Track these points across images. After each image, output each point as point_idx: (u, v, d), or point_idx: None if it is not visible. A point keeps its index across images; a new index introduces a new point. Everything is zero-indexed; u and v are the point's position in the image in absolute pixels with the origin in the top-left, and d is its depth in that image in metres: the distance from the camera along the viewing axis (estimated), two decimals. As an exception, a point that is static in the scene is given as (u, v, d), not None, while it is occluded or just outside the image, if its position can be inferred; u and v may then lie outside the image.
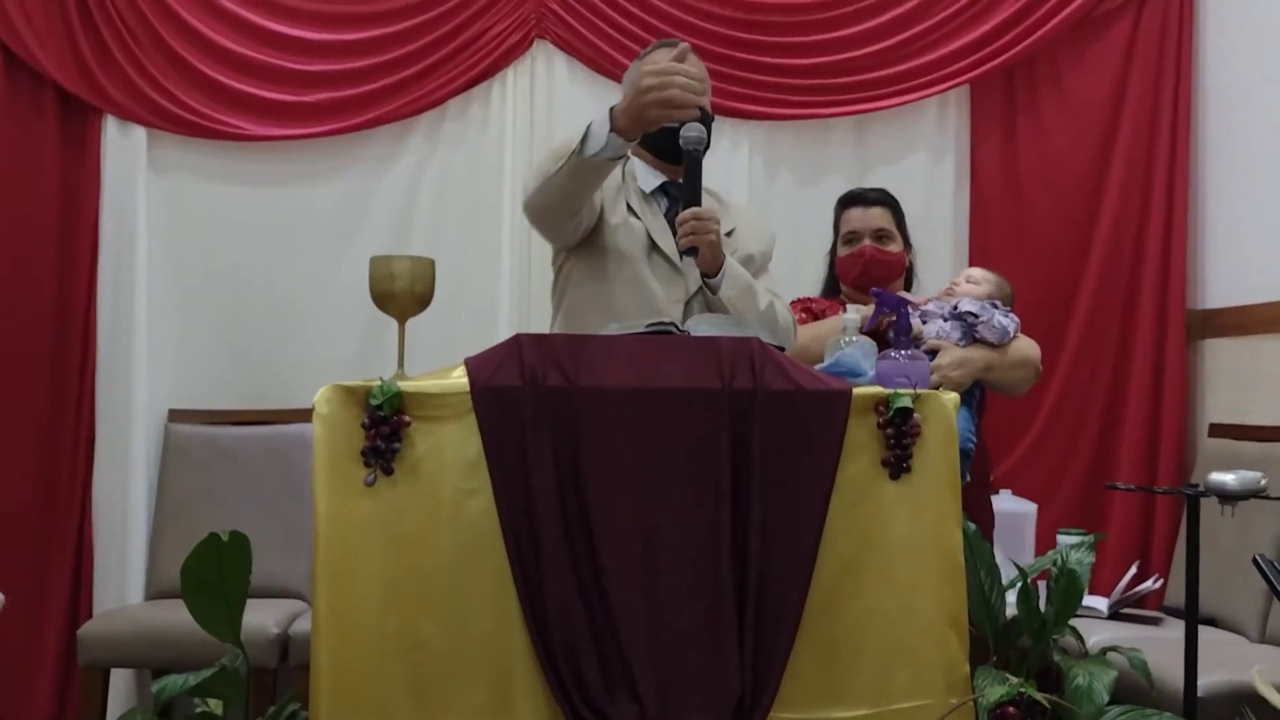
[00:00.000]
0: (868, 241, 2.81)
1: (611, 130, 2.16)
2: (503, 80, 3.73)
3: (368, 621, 1.74)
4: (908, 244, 2.90)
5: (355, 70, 3.67)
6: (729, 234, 2.48)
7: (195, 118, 3.59)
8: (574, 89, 3.73)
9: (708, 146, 2.33)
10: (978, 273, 2.79)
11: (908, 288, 2.89)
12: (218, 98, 3.61)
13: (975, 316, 2.60)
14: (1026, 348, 2.69)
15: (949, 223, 3.78)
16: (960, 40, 3.74)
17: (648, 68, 2.19)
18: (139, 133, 3.59)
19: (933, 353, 2.59)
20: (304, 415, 3.39)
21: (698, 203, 2.26)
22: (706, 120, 2.34)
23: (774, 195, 3.80)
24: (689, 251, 2.27)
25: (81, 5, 3.51)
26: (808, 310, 2.83)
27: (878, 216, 2.84)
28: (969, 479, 2.55)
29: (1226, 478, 2.08)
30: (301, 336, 3.67)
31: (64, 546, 3.48)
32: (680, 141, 2.26)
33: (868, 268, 2.80)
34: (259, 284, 3.67)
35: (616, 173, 2.49)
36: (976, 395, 2.64)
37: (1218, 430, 3.57)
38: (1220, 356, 3.70)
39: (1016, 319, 2.68)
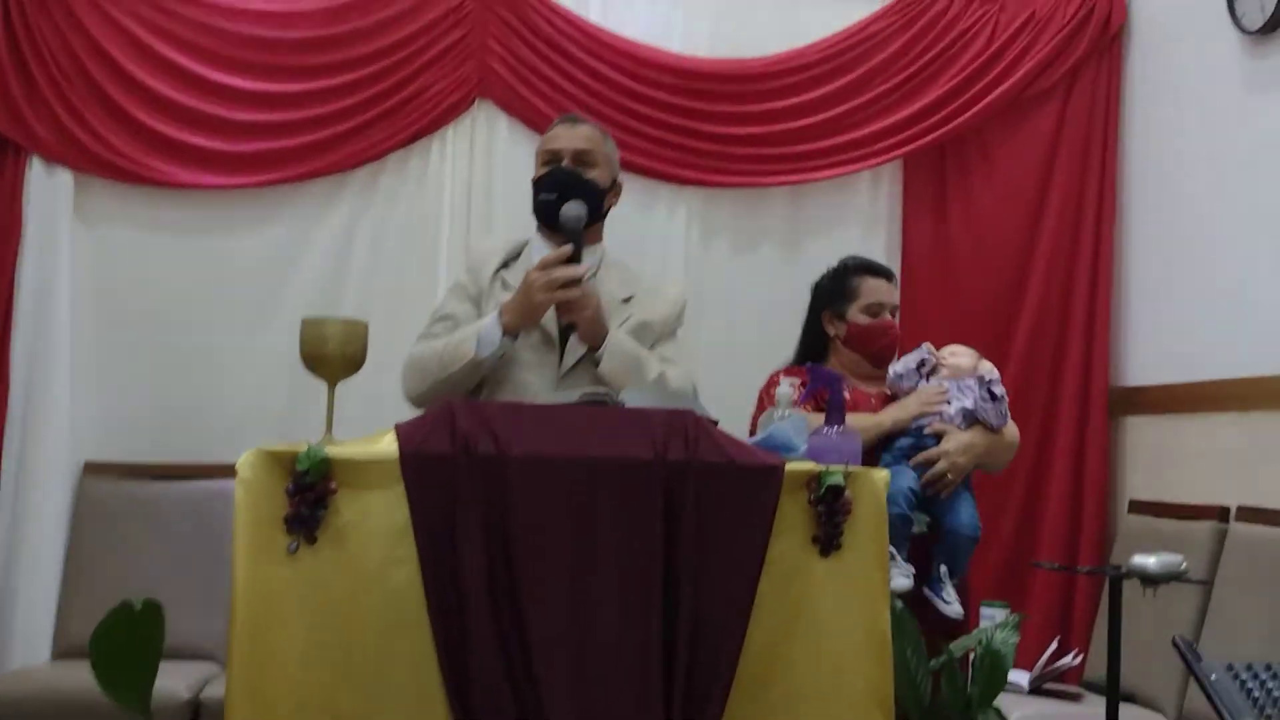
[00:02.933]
0: (887, 315, 2.82)
1: (504, 335, 2.33)
2: (443, 137, 3.73)
3: (284, 693, 1.69)
4: None
5: (292, 121, 3.63)
6: (626, 300, 2.52)
7: (125, 163, 3.53)
8: (514, 149, 3.72)
9: (603, 215, 2.52)
10: (960, 348, 2.76)
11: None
12: (149, 143, 3.55)
13: (994, 399, 2.59)
14: (1011, 430, 2.71)
15: (881, 294, 3.82)
16: (894, 116, 3.82)
17: (533, 274, 2.31)
18: (66, 176, 3.52)
19: (937, 436, 2.59)
20: (226, 471, 3.31)
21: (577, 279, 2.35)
22: (600, 194, 2.47)
23: (710, 261, 3.83)
24: (569, 326, 2.34)
25: (11, 40, 3.44)
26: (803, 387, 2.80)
27: (896, 294, 2.88)
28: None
29: (1148, 560, 2.10)
30: (228, 390, 3.60)
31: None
32: (560, 220, 2.36)
33: (894, 343, 2.83)
34: (185, 335, 3.59)
35: (495, 256, 2.57)
36: (970, 477, 2.64)
37: (1137, 507, 3.63)
38: (1141, 434, 3.77)
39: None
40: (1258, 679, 2.04)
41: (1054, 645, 3.34)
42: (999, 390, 2.60)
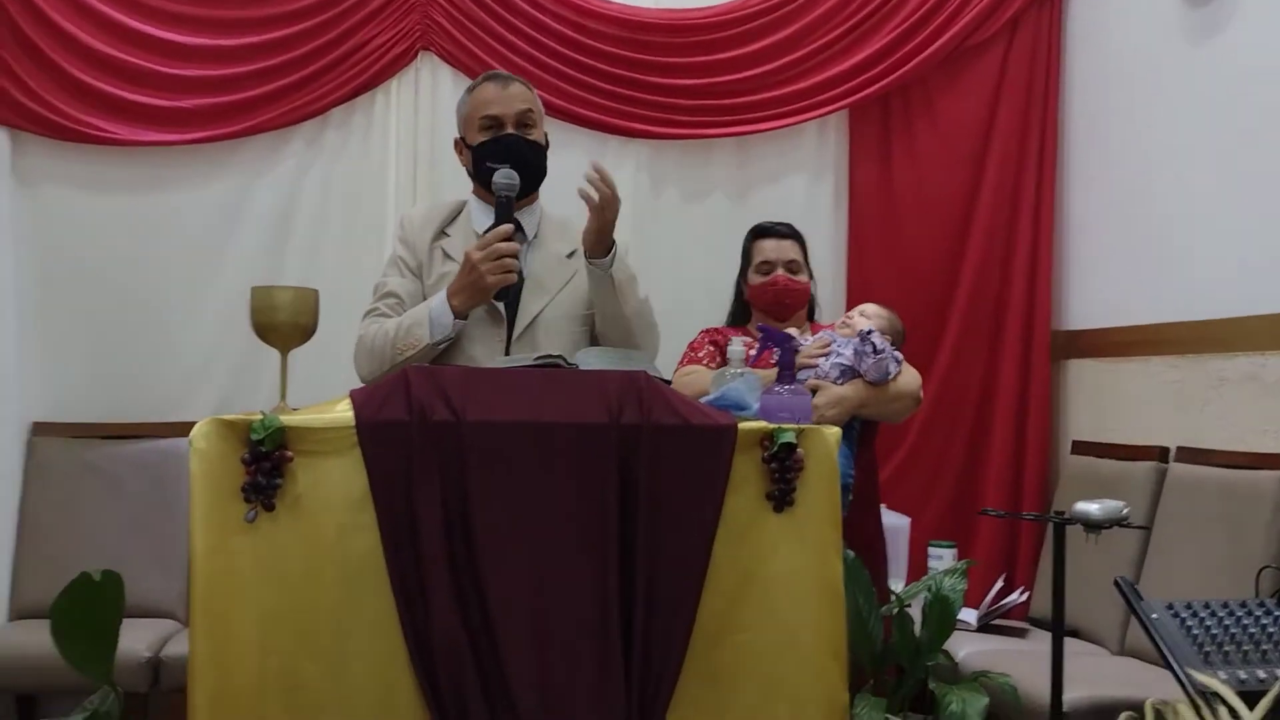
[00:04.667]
0: (780, 271, 2.91)
1: (456, 317, 2.31)
2: (386, 91, 3.69)
3: (247, 662, 1.70)
4: (810, 275, 3.02)
5: (233, 76, 3.58)
6: (570, 255, 2.52)
7: (63, 120, 3.46)
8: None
9: (541, 177, 2.49)
10: (871, 308, 2.87)
11: (810, 316, 3.00)
12: (87, 101, 3.49)
13: (876, 351, 2.65)
14: (904, 381, 2.76)
15: (828, 242, 3.85)
16: (838, 66, 3.82)
17: (474, 254, 2.27)
18: (2, 135, 3.45)
19: (812, 391, 2.66)
20: (177, 429, 3.34)
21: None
22: (538, 152, 2.46)
23: (659, 212, 3.83)
24: (500, 295, 2.33)
25: (-59, -1, 3.36)
26: (715, 344, 2.89)
27: (789, 248, 2.98)
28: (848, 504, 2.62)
29: (1091, 507, 2.15)
30: (175, 348, 3.57)
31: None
32: (492, 187, 2.35)
33: (780, 295, 2.94)
34: (130, 293, 3.55)
35: (430, 223, 2.53)
36: (856, 428, 2.71)
37: (1079, 447, 3.71)
38: (1082, 376, 3.85)
39: (900, 356, 2.75)
40: (1196, 616, 2.11)
41: (1000, 583, 3.44)
42: (878, 342, 2.65)
